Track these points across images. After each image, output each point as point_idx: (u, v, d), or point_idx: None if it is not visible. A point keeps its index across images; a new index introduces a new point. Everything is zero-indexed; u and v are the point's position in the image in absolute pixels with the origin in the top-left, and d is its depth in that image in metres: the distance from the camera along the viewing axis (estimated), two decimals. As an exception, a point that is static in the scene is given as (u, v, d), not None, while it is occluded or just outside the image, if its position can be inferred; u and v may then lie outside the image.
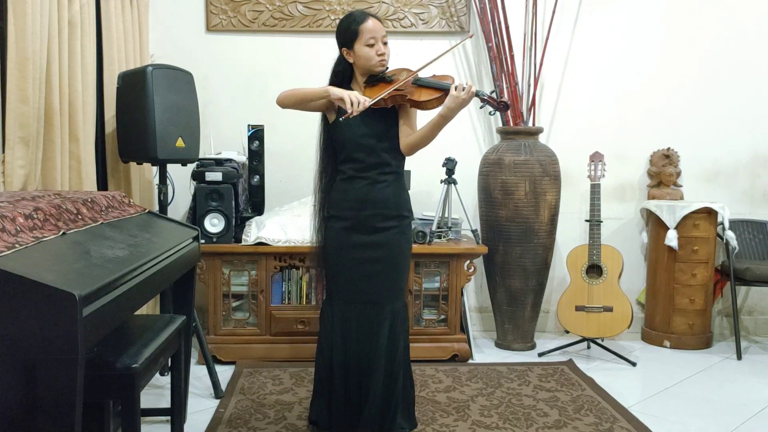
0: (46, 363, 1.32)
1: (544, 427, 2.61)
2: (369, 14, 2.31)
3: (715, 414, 2.81)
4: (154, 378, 3.02)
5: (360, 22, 2.27)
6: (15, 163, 2.34)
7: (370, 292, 2.31)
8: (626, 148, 4.00)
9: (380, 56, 2.29)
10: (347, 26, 2.30)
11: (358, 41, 2.28)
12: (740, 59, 3.95)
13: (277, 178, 3.84)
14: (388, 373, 2.29)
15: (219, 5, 3.81)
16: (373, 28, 2.27)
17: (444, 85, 2.25)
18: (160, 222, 2.42)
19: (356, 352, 2.30)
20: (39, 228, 1.63)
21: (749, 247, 3.93)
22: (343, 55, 2.35)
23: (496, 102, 2.26)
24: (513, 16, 3.78)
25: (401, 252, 2.36)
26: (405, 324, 2.37)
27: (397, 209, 2.35)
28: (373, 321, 2.30)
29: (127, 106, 2.89)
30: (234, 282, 3.39)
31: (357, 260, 2.31)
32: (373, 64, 2.30)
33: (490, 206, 3.64)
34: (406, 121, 2.33)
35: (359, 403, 2.32)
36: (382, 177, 2.32)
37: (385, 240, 2.32)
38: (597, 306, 3.51)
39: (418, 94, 2.27)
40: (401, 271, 2.37)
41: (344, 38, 2.32)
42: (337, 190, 2.37)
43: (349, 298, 2.32)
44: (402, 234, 2.36)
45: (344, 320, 2.31)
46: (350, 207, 2.32)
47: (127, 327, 2.08)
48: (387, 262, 2.32)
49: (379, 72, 2.32)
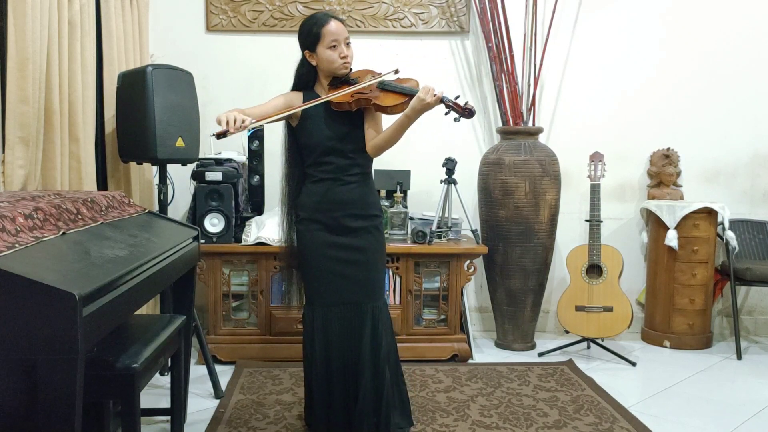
0: (46, 363, 1.32)
1: (544, 427, 2.61)
2: (331, 16, 2.30)
3: (715, 414, 2.81)
4: (154, 378, 3.02)
5: (321, 24, 2.26)
6: (15, 163, 2.34)
7: (348, 292, 2.32)
8: (626, 148, 4.00)
9: (343, 59, 2.28)
10: (309, 29, 2.29)
11: (320, 44, 2.27)
12: (740, 59, 3.95)
13: (277, 178, 3.78)
14: (374, 372, 2.29)
15: (219, 5, 3.81)
16: (335, 31, 2.25)
17: (410, 90, 2.25)
18: (160, 222, 2.42)
19: (340, 354, 2.30)
20: (39, 228, 1.63)
21: (749, 247, 3.93)
22: (306, 58, 2.35)
23: (461, 108, 2.22)
24: (513, 16, 3.78)
25: (376, 250, 2.38)
26: (387, 322, 2.38)
27: (368, 209, 2.36)
28: (354, 321, 2.30)
29: (127, 106, 2.89)
30: (234, 282, 3.39)
31: (333, 261, 2.32)
32: (336, 67, 2.30)
33: (490, 206, 3.64)
34: (371, 123, 2.33)
35: (348, 405, 2.32)
36: (350, 178, 2.33)
37: (360, 240, 2.34)
38: (597, 306, 3.51)
39: (384, 98, 2.27)
40: (378, 270, 2.39)
41: (306, 41, 2.31)
42: (306, 193, 2.37)
43: (328, 301, 2.32)
44: (376, 232, 2.38)
45: (325, 323, 2.31)
46: (321, 209, 2.33)
47: (127, 327, 2.08)
48: (363, 262, 2.33)
49: (343, 74, 2.32)
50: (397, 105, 2.25)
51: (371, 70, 2.39)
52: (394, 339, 2.42)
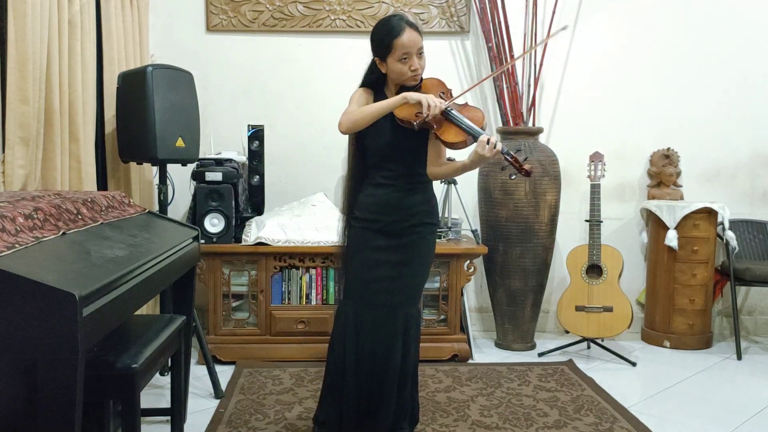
0: (46, 363, 1.32)
1: (544, 427, 2.61)
2: (406, 23, 2.18)
3: (715, 414, 2.81)
4: (154, 378, 3.02)
5: (394, 35, 2.16)
6: (15, 163, 2.34)
7: (385, 294, 2.29)
8: (626, 148, 4.00)
9: (413, 71, 2.22)
10: (381, 39, 2.21)
11: (391, 56, 2.19)
12: (741, 59, 3.95)
13: (277, 178, 3.84)
14: (400, 381, 2.29)
15: (219, 5, 3.81)
16: (407, 44, 2.16)
17: (473, 131, 2.15)
18: (160, 222, 2.42)
19: (369, 355, 2.28)
20: (39, 228, 1.63)
21: (749, 247, 3.93)
22: (376, 64, 2.29)
23: (519, 165, 2.15)
24: (513, 16, 3.78)
25: (423, 257, 2.35)
26: (417, 330, 2.36)
27: (422, 217, 2.33)
28: (387, 324, 2.28)
29: (127, 106, 2.89)
30: (234, 282, 3.39)
31: (376, 262, 2.30)
32: (405, 80, 2.24)
33: (490, 206, 3.64)
34: (434, 146, 2.29)
35: (369, 406, 2.30)
36: (410, 185, 2.31)
37: (408, 244, 2.30)
38: (597, 306, 3.51)
39: (446, 131, 2.18)
40: (420, 277, 2.36)
41: (377, 50, 2.25)
42: (365, 194, 2.35)
43: (364, 299, 2.30)
44: (425, 240, 2.34)
45: (358, 320, 2.29)
46: (376, 211, 2.31)
47: (127, 327, 2.08)
48: (406, 265, 2.30)
49: (412, 86, 2.27)
50: (457, 143, 2.18)
51: (442, 82, 2.30)
52: (418, 347, 2.39)
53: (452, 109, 2.19)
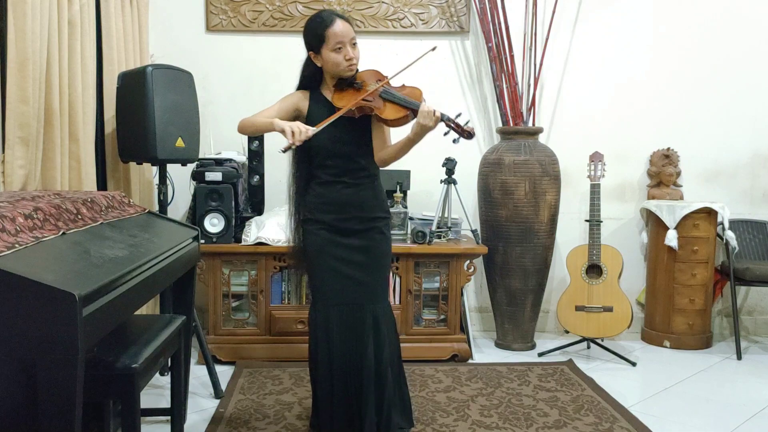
0: (46, 363, 1.32)
1: (544, 427, 2.61)
2: (337, 15, 2.23)
3: (715, 414, 2.81)
4: (154, 378, 3.02)
5: (326, 26, 2.20)
6: (15, 163, 2.34)
7: (351, 293, 2.30)
8: (626, 148, 4.00)
9: (348, 61, 2.23)
10: (313, 30, 2.24)
11: (325, 46, 2.22)
12: (740, 59, 3.95)
13: (277, 178, 3.84)
14: (377, 373, 2.28)
15: (219, 5, 3.81)
16: (340, 33, 2.19)
17: (412, 104, 2.21)
18: (160, 222, 2.42)
19: (342, 355, 2.28)
20: (39, 228, 1.63)
21: (749, 247, 3.93)
22: (310, 59, 2.31)
23: (461, 129, 2.20)
24: (513, 16, 3.78)
25: (382, 253, 2.37)
26: (391, 324, 2.36)
27: (375, 211, 2.35)
28: (356, 323, 2.28)
29: (127, 106, 2.89)
30: (234, 282, 3.39)
31: (337, 261, 2.30)
32: (341, 70, 2.25)
33: (490, 206, 3.64)
34: (378, 132, 2.32)
35: (350, 405, 2.30)
36: (358, 181, 2.32)
37: (364, 242, 2.32)
38: (597, 306, 3.51)
39: (386, 110, 2.23)
40: (381, 272, 2.37)
41: (310, 43, 2.27)
42: (313, 194, 2.35)
43: (330, 301, 2.30)
44: (381, 235, 2.37)
45: (327, 323, 2.29)
46: (328, 210, 2.32)
47: (127, 327, 2.08)
48: (366, 263, 2.32)
49: (349, 76, 2.28)
50: (398, 119, 2.22)
51: (377, 71, 2.35)
52: (398, 340, 2.40)
53: (389, 89, 2.27)
